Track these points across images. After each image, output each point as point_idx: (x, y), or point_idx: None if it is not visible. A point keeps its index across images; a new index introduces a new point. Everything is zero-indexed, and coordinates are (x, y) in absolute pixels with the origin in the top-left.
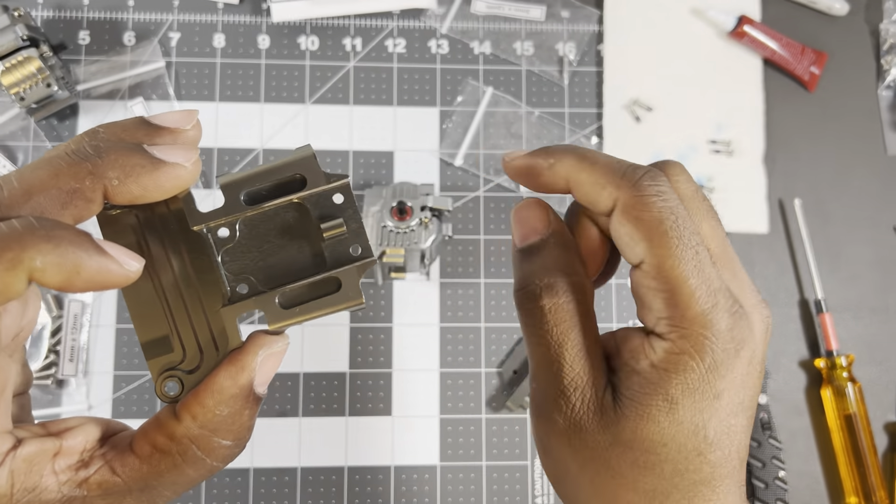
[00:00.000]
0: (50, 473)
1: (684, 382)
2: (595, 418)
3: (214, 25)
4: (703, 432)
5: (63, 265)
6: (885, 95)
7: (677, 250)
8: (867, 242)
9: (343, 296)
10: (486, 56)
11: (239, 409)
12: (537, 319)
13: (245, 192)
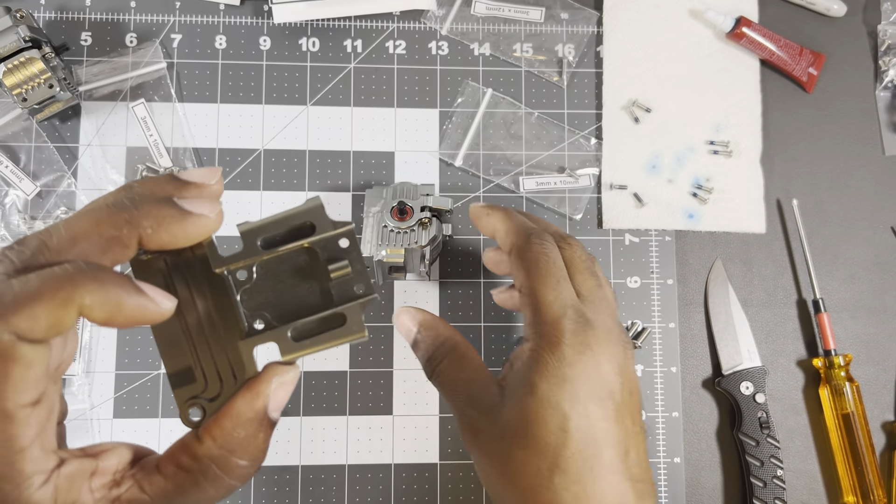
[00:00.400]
0: (87, 491)
1: (540, 370)
2: (486, 417)
3: (216, 27)
4: (560, 409)
5: (107, 303)
6: (883, 96)
7: (543, 277)
8: (865, 243)
9: (348, 329)
10: (485, 57)
11: (254, 431)
12: (439, 377)
13: (261, 237)
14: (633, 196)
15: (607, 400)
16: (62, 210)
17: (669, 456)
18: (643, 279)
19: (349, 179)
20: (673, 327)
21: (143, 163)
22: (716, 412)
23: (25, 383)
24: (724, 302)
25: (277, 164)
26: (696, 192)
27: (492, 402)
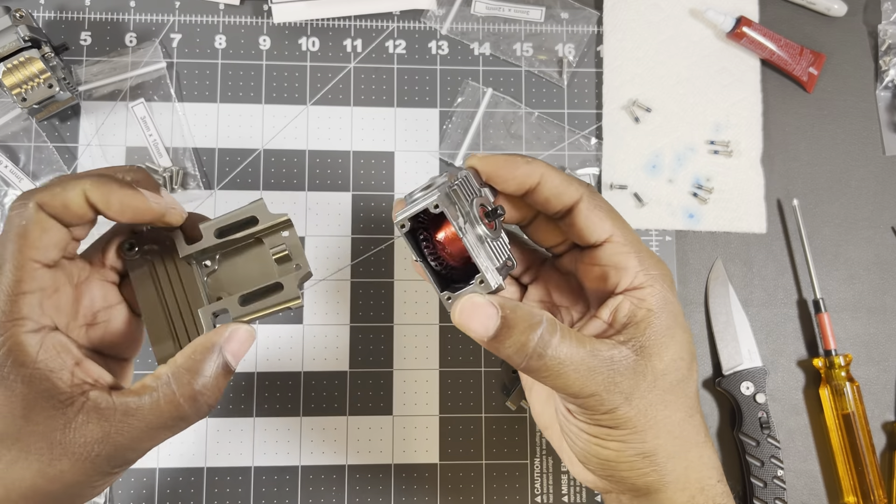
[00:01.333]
0: (67, 370)
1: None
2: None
3: (216, 26)
4: (687, 339)
5: (101, 190)
6: (884, 96)
7: (627, 225)
8: (865, 242)
9: (284, 295)
10: (485, 57)
11: (210, 361)
12: (556, 365)
13: (217, 230)
14: (634, 196)
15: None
16: None
17: None
18: None
19: (349, 179)
20: None
21: (142, 163)
22: (716, 412)
23: (40, 243)
24: (724, 302)
25: (277, 163)
26: (696, 191)
27: (625, 358)
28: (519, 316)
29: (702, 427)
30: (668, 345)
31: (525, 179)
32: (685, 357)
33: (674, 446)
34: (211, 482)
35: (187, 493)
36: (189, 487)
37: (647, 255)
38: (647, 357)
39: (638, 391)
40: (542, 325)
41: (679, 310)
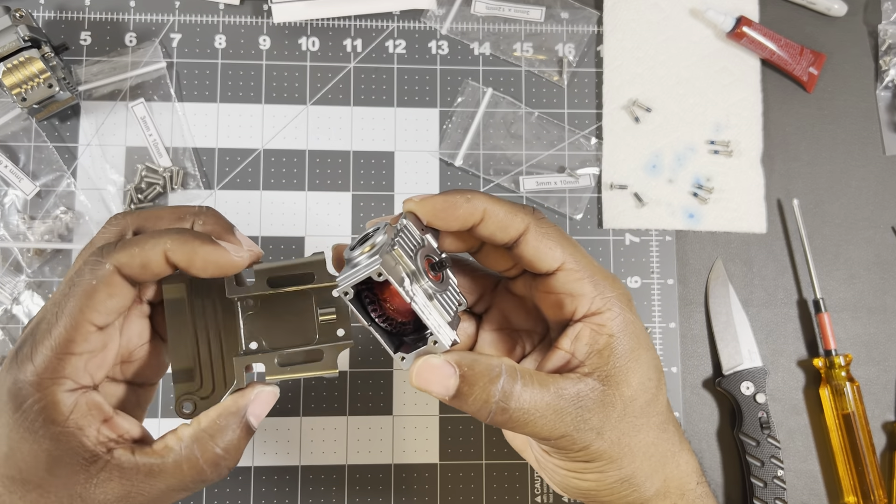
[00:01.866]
0: (94, 428)
1: (633, 331)
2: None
3: (215, 26)
4: (651, 358)
5: (185, 248)
6: (884, 96)
7: (579, 249)
8: (865, 242)
9: (323, 365)
10: (485, 57)
11: (234, 425)
12: (520, 416)
13: (270, 277)
14: (634, 196)
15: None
16: (61, 210)
17: None
18: (643, 279)
19: (349, 179)
20: (673, 327)
21: (142, 162)
22: (716, 412)
23: (103, 308)
24: (724, 302)
25: (277, 163)
26: (696, 191)
27: (591, 391)
28: (478, 372)
29: (676, 436)
30: (634, 369)
31: (467, 218)
32: (652, 377)
33: (650, 465)
34: None
35: None
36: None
37: (602, 276)
38: (615, 385)
39: (609, 423)
40: (501, 377)
41: (641, 329)
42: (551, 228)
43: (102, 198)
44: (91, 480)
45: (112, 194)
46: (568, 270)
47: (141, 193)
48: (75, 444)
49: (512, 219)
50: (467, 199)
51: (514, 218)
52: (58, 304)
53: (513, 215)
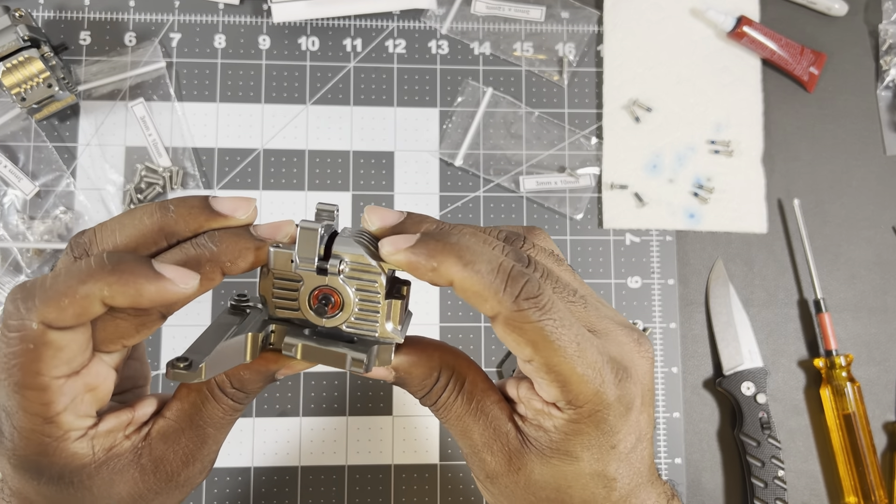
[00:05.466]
0: (123, 437)
1: (584, 443)
2: (507, 465)
3: (215, 26)
4: (605, 473)
5: (127, 292)
6: (884, 96)
7: (560, 349)
8: (866, 242)
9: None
10: (485, 56)
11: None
12: (438, 412)
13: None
14: (634, 196)
15: (647, 434)
16: (61, 210)
17: (670, 456)
18: (644, 279)
19: (349, 179)
20: (674, 327)
21: (141, 162)
22: (717, 413)
23: (57, 361)
24: (725, 302)
25: (277, 163)
26: (696, 191)
27: (511, 445)
28: (413, 375)
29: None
30: (559, 467)
31: (434, 283)
32: (579, 487)
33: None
34: (211, 482)
35: None
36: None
37: (580, 386)
38: (528, 461)
39: (501, 481)
40: (437, 383)
41: (606, 443)
42: (529, 325)
43: (102, 198)
44: (147, 479)
45: (111, 194)
46: (535, 368)
47: (140, 193)
48: (119, 464)
49: (481, 304)
50: (433, 267)
51: (484, 304)
52: (6, 367)
53: (481, 300)
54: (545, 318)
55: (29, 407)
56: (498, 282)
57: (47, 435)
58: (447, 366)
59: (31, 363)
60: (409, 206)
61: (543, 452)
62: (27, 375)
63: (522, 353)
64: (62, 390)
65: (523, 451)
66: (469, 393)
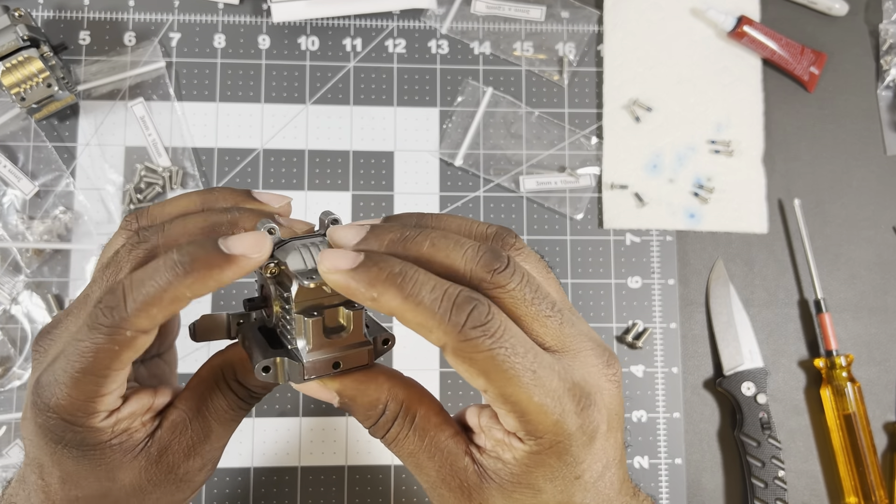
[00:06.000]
0: (139, 423)
1: (546, 475)
2: (467, 502)
3: (215, 26)
4: (570, 501)
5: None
6: (885, 95)
7: (514, 378)
8: (866, 243)
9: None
10: (485, 56)
11: None
12: (392, 447)
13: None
14: (634, 196)
15: (616, 460)
16: (60, 210)
17: (670, 457)
18: (644, 279)
19: (349, 179)
20: (674, 327)
21: (141, 162)
22: (717, 413)
23: (130, 358)
24: (725, 302)
25: (277, 163)
26: (697, 191)
27: (470, 481)
28: (357, 403)
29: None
30: (519, 501)
31: (378, 310)
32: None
33: None
34: (211, 482)
35: None
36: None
37: (538, 417)
38: (487, 496)
39: None
40: (382, 415)
41: (570, 474)
42: (479, 355)
43: (101, 198)
44: (150, 468)
45: (111, 194)
46: (491, 399)
47: (140, 193)
48: (130, 446)
49: (427, 334)
50: (372, 297)
51: (430, 334)
52: (82, 354)
53: (426, 331)
54: (496, 347)
55: (83, 387)
56: (442, 310)
57: (83, 411)
58: (395, 398)
59: (108, 359)
60: (409, 206)
61: (504, 486)
62: (99, 366)
63: (476, 383)
64: (117, 378)
65: (483, 486)
66: (421, 428)
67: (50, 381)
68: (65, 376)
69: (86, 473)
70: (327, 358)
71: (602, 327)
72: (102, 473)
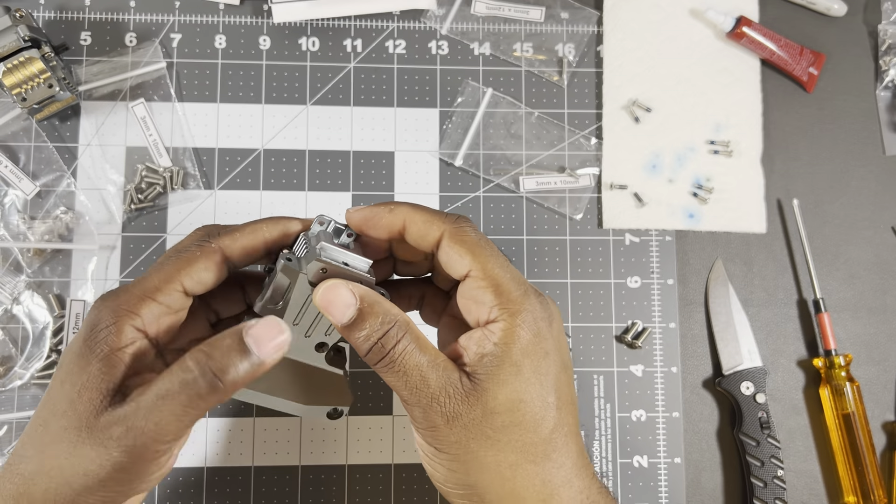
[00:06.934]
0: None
1: (522, 348)
2: (463, 402)
3: (216, 26)
4: (544, 383)
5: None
6: (884, 96)
7: (492, 258)
8: (865, 242)
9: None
10: (485, 57)
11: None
12: (393, 364)
13: None
14: (634, 196)
15: (569, 368)
16: (61, 210)
17: (670, 456)
18: (643, 279)
19: (349, 179)
20: (673, 327)
21: (142, 162)
22: (716, 412)
23: (197, 276)
24: (724, 302)
25: (277, 163)
26: (696, 191)
27: (462, 384)
28: (375, 311)
29: (565, 471)
30: (506, 383)
31: (391, 227)
32: (528, 399)
33: (504, 489)
34: (211, 482)
35: (187, 492)
36: (189, 487)
37: (510, 288)
38: (481, 391)
39: (461, 420)
40: (394, 325)
41: (540, 349)
42: (467, 236)
43: (102, 198)
44: (101, 415)
45: (112, 194)
46: (473, 278)
47: (141, 193)
48: (113, 374)
49: (429, 227)
50: (390, 209)
51: (431, 226)
52: (159, 264)
53: (430, 223)
54: (478, 235)
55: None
56: (440, 213)
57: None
58: (402, 315)
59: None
60: None
61: (490, 375)
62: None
63: (462, 263)
64: (172, 294)
65: (475, 385)
66: (424, 344)
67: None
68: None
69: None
70: (338, 255)
71: (601, 327)
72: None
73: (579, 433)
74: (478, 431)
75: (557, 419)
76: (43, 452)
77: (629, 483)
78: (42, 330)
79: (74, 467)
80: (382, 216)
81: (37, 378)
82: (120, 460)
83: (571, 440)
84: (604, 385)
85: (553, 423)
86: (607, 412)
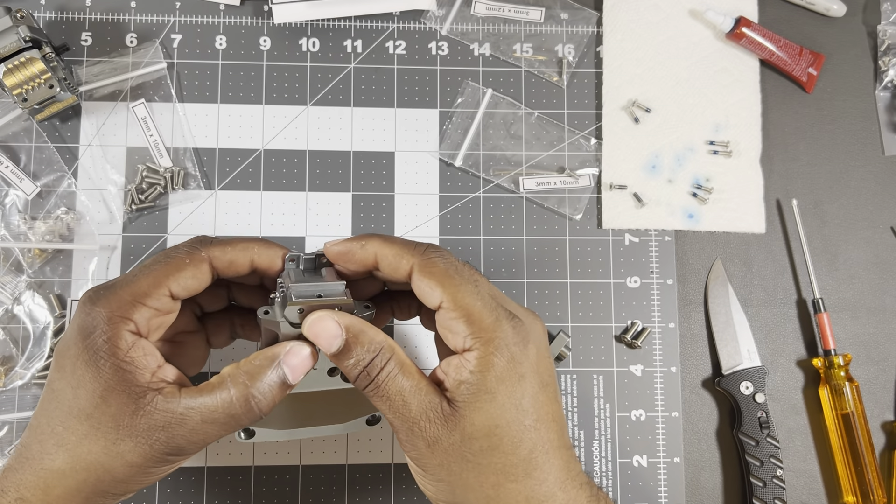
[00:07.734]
0: (150, 370)
1: (496, 375)
2: (443, 427)
3: (216, 27)
4: (521, 406)
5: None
6: (883, 96)
7: (462, 287)
8: (864, 243)
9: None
10: (485, 57)
11: (268, 369)
12: (378, 389)
13: None
14: (633, 196)
15: (551, 386)
16: (62, 210)
17: (669, 456)
18: (643, 279)
19: (349, 180)
20: (673, 327)
21: (143, 163)
22: (715, 412)
23: (184, 282)
24: (723, 302)
25: (277, 164)
26: (695, 192)
27: (442, 409)
28: (360, 341)
29: (537, 496)
30: (483, 409)
31: (364, 262)
32: (504, 424)
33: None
34: (211, 482)
35: (188, 492)
36: (189, 487)
37: (481, 316)
38: (459, 417)
39: (441, 444)
40: (378, 353)
41: (515, 374)
42: (436, 267)
43: (103, 198)
44: (138, 413)
45: (113, 194)
46: (445, 309)
47: (142, 194)
48: (130, 378)
49: (399, 260)
50: (361, 245)
51: (401, 259)
52: (147, 267)
53: (399, 257)
54: (448, 265)
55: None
56: (410, 245)
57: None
58: (388, 340)
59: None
60: (409, 206)
61: (467, 402)
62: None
63: (434, 295)
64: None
65: (454, 411)
66: (408, 370)
67: (123, 278)
68: (138, 270)
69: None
70: (311, 289)
71: (601, 327)
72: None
73: (564, 447)
74: (458, 455)
75: (535, 439)
76: (73, 450)
77: (629, 483)
78: (43, 330)
79: (115, 460)
80: (356, 252)
81: (37, 378)
82: (164, 457)
83: (553, 456)
84: (603, 385)
85: (531, 444)
86: (607, 412)
